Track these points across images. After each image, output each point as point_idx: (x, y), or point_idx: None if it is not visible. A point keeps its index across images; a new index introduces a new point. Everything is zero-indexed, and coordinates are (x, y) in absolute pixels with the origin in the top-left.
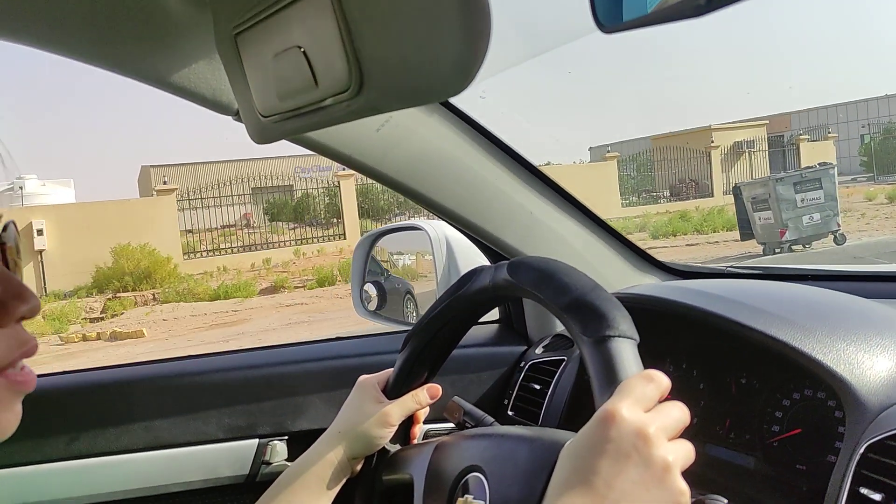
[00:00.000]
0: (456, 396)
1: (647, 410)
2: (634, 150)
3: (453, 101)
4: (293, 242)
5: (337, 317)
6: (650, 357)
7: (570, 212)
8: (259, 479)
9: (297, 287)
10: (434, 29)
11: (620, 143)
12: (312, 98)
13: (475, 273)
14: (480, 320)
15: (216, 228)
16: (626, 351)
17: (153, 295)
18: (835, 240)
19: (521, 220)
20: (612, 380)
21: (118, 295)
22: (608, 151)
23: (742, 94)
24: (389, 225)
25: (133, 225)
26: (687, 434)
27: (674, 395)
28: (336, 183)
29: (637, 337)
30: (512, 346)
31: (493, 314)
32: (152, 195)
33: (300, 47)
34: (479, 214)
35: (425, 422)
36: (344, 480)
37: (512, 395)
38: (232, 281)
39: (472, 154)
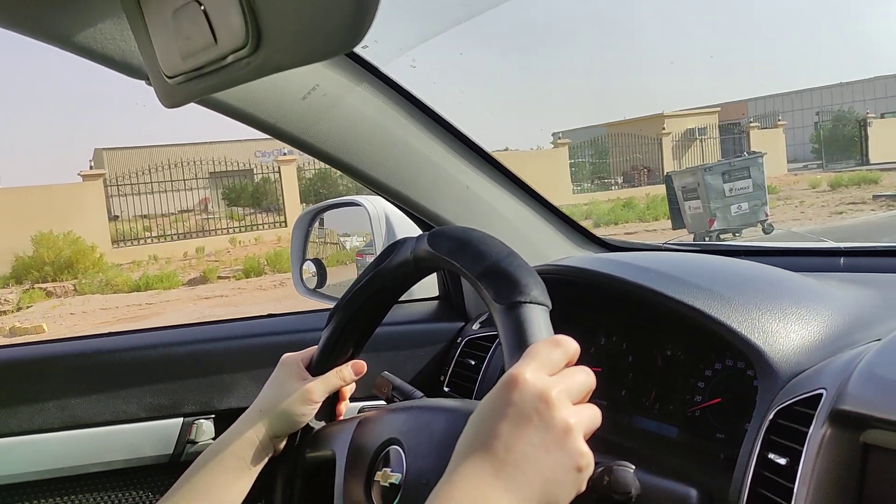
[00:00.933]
0: (385, 372)
1: (553, 375)
2: (591, 137)
3: (384, 69)
4: (232, 230)
5: (250, 311)
6: (581, 330)
7: (506, 186)
8: (184, 458)
9: (223, 278)
10: None
11: (577, 130)
12: (213, 56)
13: (397, 245)
14: (419, 297)
15: (172, 214)
16: (536, 317)
17: (74, 286)
18: (763, 229)
19: (455, 192)
20: (521, 345)
21: (37, 286)
22: (559, 138)
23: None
24: (328, 201)
25: (59, 212)
26: (615, 407)
27: (604, 368)
28: (277, 169)
29: (549, 304)
30: (450, 322)
31: (433, 290)
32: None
33: (199, 2)
34: (412, 186)
35: (359, 399)
36: (266, 459)
37: (448, 371)
38: (158, 271)
39: (404, 124)
